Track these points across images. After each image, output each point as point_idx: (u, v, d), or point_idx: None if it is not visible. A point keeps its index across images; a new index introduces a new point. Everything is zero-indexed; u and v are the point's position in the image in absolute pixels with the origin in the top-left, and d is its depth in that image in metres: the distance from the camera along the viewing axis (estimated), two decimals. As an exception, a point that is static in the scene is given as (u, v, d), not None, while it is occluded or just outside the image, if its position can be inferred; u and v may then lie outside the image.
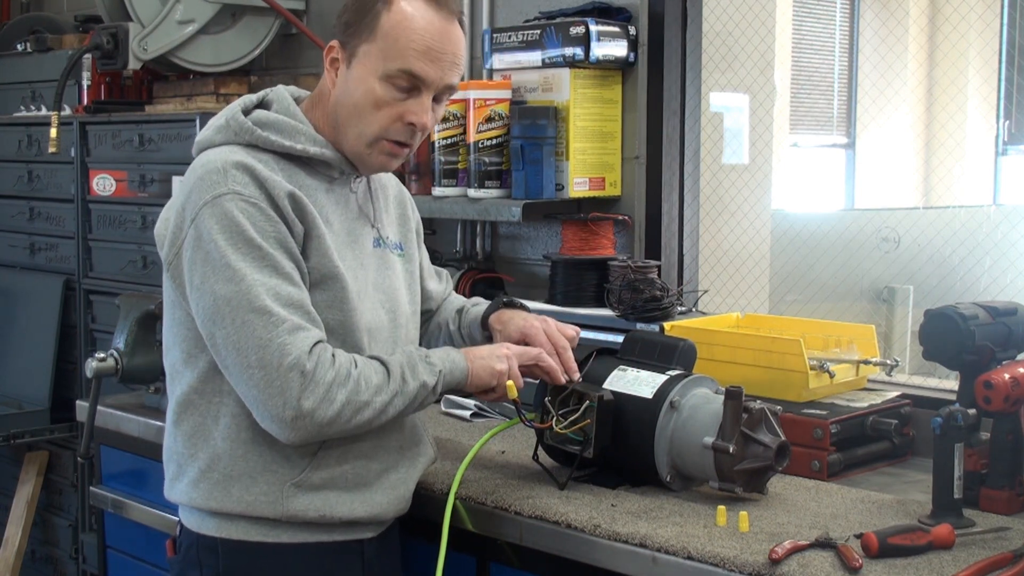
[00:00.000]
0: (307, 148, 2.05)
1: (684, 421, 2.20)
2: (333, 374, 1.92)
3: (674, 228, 3.10)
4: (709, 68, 3.26)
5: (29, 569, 4.34)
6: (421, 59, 2.00)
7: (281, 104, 2.10)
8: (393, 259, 2.21)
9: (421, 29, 2.00)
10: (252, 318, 1.90)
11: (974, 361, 2.20)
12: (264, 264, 1.92)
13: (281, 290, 1.93)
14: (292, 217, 1.97)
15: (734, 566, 1.88)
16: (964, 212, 5.74)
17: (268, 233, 1.94)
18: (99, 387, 2.93)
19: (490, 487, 2.26)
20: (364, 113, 2.03)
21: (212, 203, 1.93)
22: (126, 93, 4.18)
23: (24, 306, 4.35)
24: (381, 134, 2.05)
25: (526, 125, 2.95)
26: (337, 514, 2.05)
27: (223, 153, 2.00)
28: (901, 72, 8.02)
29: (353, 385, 1.94)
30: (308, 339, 1.92)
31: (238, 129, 2.03)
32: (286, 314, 1.91)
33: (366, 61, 2.01)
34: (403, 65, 2.00)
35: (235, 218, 1.92)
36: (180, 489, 2.08)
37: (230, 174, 1.95)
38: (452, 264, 3.37)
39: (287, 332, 1.90)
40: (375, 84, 2.01)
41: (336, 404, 1.92)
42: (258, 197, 1.95)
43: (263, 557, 2.04)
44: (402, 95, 2.02)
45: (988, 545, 1.96)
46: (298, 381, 1.89)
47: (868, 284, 5.42)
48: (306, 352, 1.91)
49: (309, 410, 1.90)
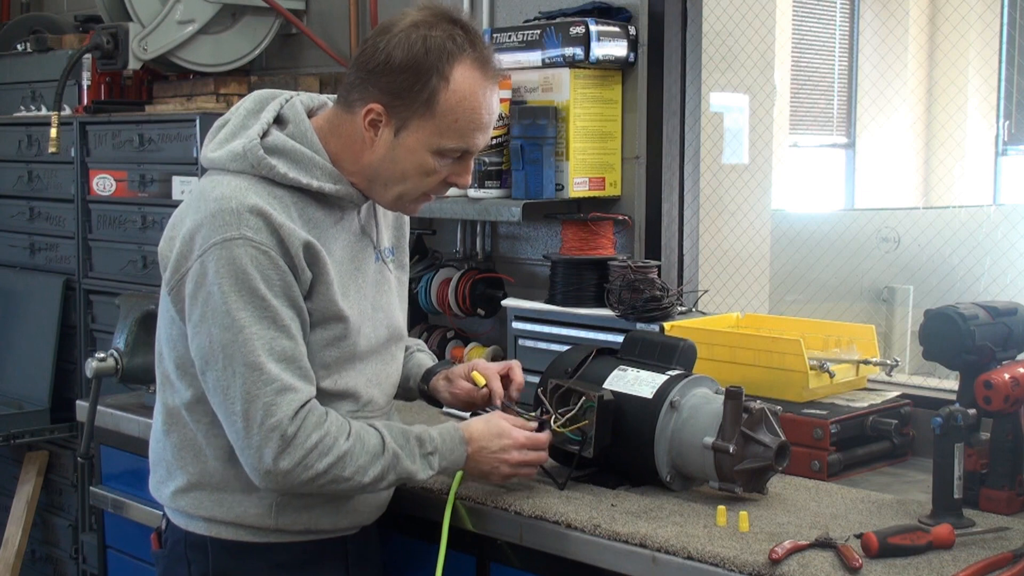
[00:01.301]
0: (323, 186, 2.01)
1: (684, 421, 2.20)
2: (317, 438, 1.92)
3: (674, 228, 3.10)
4: (709, 68, 3.26)
5: (29, 569, 4.34)
6: (478, 135, 2.01)
7: (298, 127, 2.04)
8: (388, 272, 2.21)
9: (481, 107, 1.99)
10: (244, 371, 1.90)
11: (974, 361, 2.20)
12: (264, 315, 1.91)
13: (276, 344, 1.91)
14: (303, 265, 1.96)
15: (734, 566, 1.89)
16: (964, 212, 5.74)
17: (274, 282, 1.92)
18: (99, 387, 2.93)
19: (490, 487, 2.26)
20: (410, 178, 2.03)
21: (222, 245, 1.90)
22: (126, 93, 4.18)
23: (24, 306, 4.35)
24: (422, 193, 2.06)
25: (526, 125, 2.95)
26: (323, 526, 2.09)
27: (239, 190, 1.95)
28: (901, 72, 8.02)
29: (336, 459, 1.94)
30: (295, 401, 1.91)
31: (255, 163, 1.98)
32: (278, 371, 1.91)
33: (419, 134, 1.99)
34: (462, 144, 2.01)
35: (243, 265, 1.90)
36: (168, 494, 2.10)
37: (243, 217, 1.91)
38: (452, 264, 3.37)
39: (275, 392, 1.90)
40: (428, 157, 2.00)
41: (311, 471, 1.93)
42: (270, 244, 1.92)
43: (251, 556, 2.06)
44: (451, 161, 2.03)
45: (988, 545, 1.96)
46: (276, 443, 1.90)
47: (868, 284, 5.42)
48: (290, 416, 1.90)
49: (284, 471, 1.91)
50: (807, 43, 7.90)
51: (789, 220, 5.05)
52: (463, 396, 2.28)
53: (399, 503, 2.24)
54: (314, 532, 2.08)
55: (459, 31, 1.98)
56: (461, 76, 1.97)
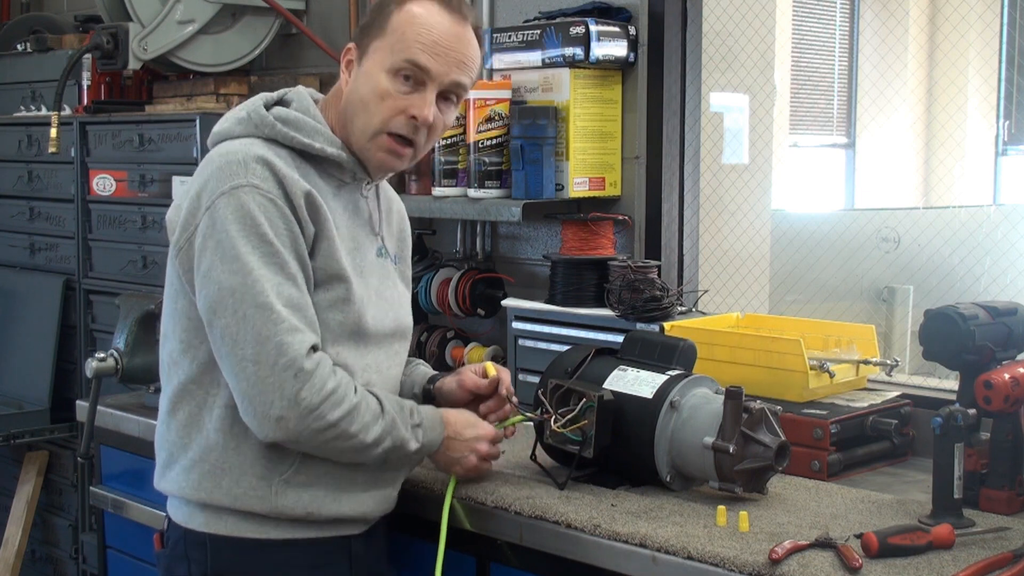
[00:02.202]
0: (325, 148, 2.07)
1: (684, 421, 2.20)
2: (333, 386, 1.94)
3: (674, 228, 3.10)
4: (709, 68, 3.26)
5: (29, 569, 4.34)
6: (426, 51, 2.03)
7: (301, 103, 2.12)
8: (392, 269, 2.23)
9: (429, 25, 2.04)
10: (253, 312, 1.91)
11: (974, 361, 2.20)
12: (273, 261, 1.94)
13: (284, 290, 1.94)
14: (306, 217, 1.99)
15: (734, 566, 1.89)
16: (964, 212, 5.73)
17: (281, 231, 1.95)
18: (99, 387, 2.93)
19: (490, 487, 2.26)
20: (369, 105, 2.05)
21: (230, 193, 1.95)
22: (126, 93, 4.18)
23: (24, 306, 4.35)
24: (383, 127, 2.06)
25: (526, 125, 2.95)
26: (324, 512, 2.06)
27: (244, 145, 2.01)
28: (901, 72, 8.02)
29: (346, 412, 1.96)
30: (306, 341, 1.93)
31: (259, 122, 2.05)
32: (287, 313, 1.92)
33: (375, 56, 2.05)
34: (408, 56, 2.03)
35: (251, 211, 1.94)
36: (170, 478, 2.09)
37: (250, 167, 1.97)
38: (452, 264, 3.37)
39: (286, 331, 1.91)
40: (382, 77, 2.04)
41: (323, 420, 1.94)
42: (276, 194, 1.96)
43: (251, 553, 2.05)
44: (407, 88, 2.05)
45: (988, 545, 1.96)
46: (292, 380, 1.90)
47: (868, 284, 5.42)
48: (303, 353, 1.92)
49: (306, 404, 1.92)
50: (807, 43, 7.90)
51: (789, 220, 5.04)
52: (469, 385, 2.27)
53: (398, 503, 2.24)
54: (317, 520, 2.05)
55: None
56: (417, 2, 2.06)
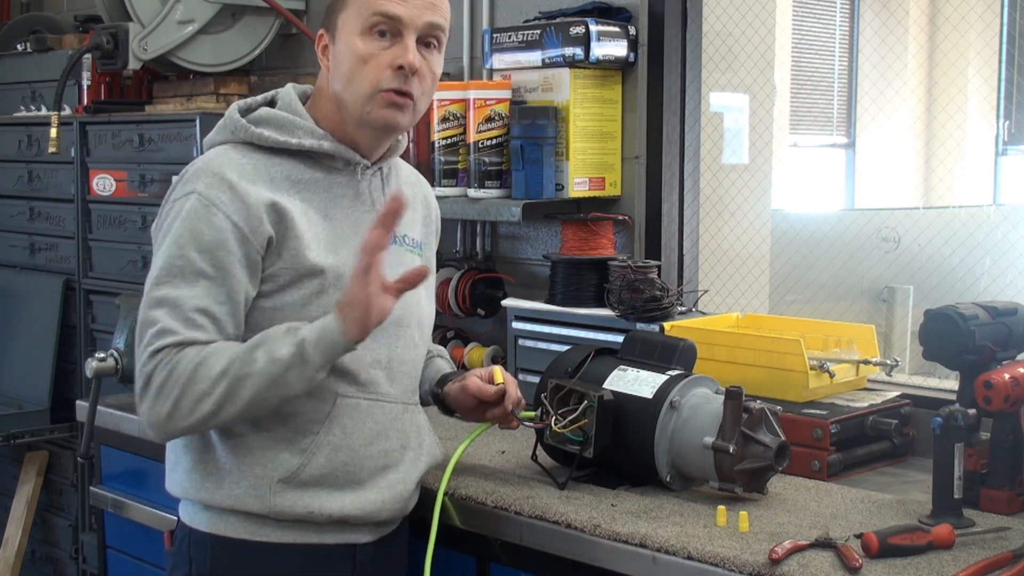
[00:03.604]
0: (302, 142, 2.07)
1: (684, 421, 2.20)
2: (166, 373, 1.93)
3: (674, 228, 3.10)
4: (709, 68, 3.26)
5: (29, 569, 4.34)
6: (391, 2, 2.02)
7: (284, 101, 2.13)
8: (412, 257, 2.19)
9: None
10: (140, 318, 1.98)
11: (974, 361, 2.20)
12: (174, 264, 1.96)
13: (171, 293, 1.95)
14: (260, 225, 1.97)
15: (734, 566, 1.89)
16: (964, 212, 5.74)
17: (203, 236, 1.96)
18: (99, 387, 2.93)
19: (490, 487, 2.26)
20: (355, 74, 2.04)
21: (180, 200, 2.01)
22: (126, 93, 4.18)
23: (24, 306, 4.35)
24: (374, 87, 2.04)
25: (526, 125, 2.95)
26: (326, 511, 2.03)
27: (210, 157, 2.05)
28: (901, 72, 8.02)
29: (188, 377, 1.92)
30: (159, 343, 1.93)
31: (234, 128, 2.08)
32: (159, 315, 1.94)
33: (346, 28, 2.05)
34: (376, 8, 2.02)
35: (181, 219, 1.98)
36: (176, 480, 2.10)
37: (200, 175, 2.01)
38: (452, 264, 3.37)
39: (153, 335, 1.95)
40: (357, 41, 2.04)
41: (170, 400, 1.92)
42: (217, 200, 1.97)
43: (251, 556, 2.04)
44: (385, 43, 2.04)
45: (988, 545, 1.96)
46: (140, 384, 1.96)
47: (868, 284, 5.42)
48: (148, 356, 1.94)
49: (145, 413, 1.96)
50: (807, 43, 7.90)
51: (789, 220, 5.05)
52: (472, 389, 2.22)
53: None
54: (318, 520, 2.03)
55: None
56: None
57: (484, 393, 2.21)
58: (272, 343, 1.93)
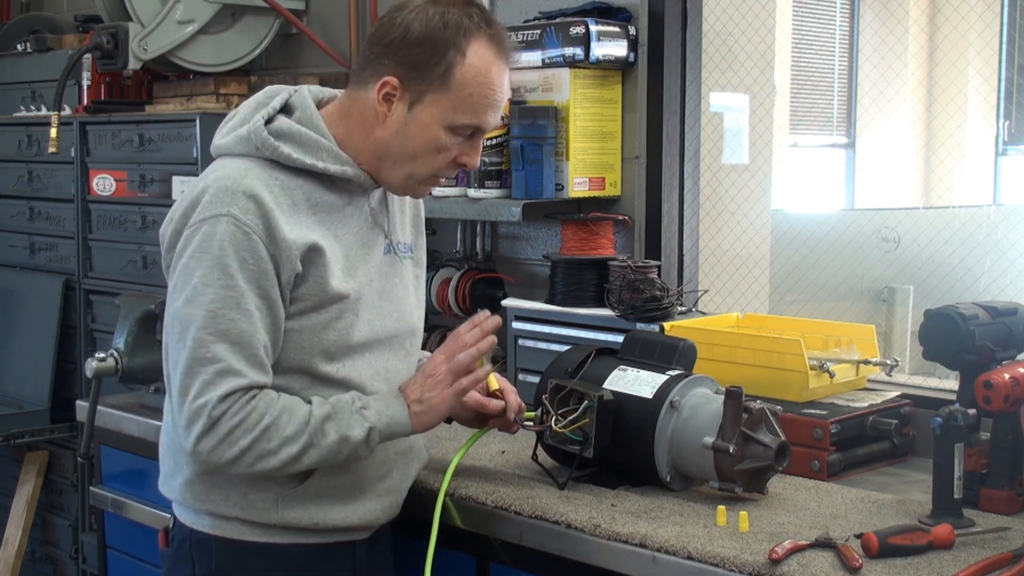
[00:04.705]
0: (328, 167, 2.01)
1: (684, 421, 2.20)
2: (241, 417, 1.90)
3: (674, 228, 3.10)
4: (709, 68, 3.26)
5: (29, 569, 4.34)
6: (490, 112, 2.02)
7: (304, 113, 2.05)
8: (403, 265, 2.19)
9: (493, 84, 2.01)
10: (192, 346, 1.90)
11: (974, 361, 2.20)
12: (229, 295, 1.90)
13: (234, 327, 1.90)
14: (291, 258, 1.94)
15: (734, 566, 1.89)
16: (964, 212, 5.74)
17: (248, 265, 1.91)
18: (99, 387, 2.93)
19: (490, 487, 2.26)
20: (421, 156, 2.02)
21: (209, 221, 1.92)
22: (126, 93, 4.18)
23: (24, 306, 4.35)
24: (434, 173, 2.05)
25: (526, 125, 2.95)
26: (332, 522, 2.06)
27: (238, 171, 1.97)
28: (901, 72, 8.02)
29: (260, 433, 1.90)
30: (233, 384, 1.90)
31: (260, 144, 2.00)
32: (225, 352, 1.90)
33: (434, 110, 1.99)
34: (475, 121, 2.01)
35: (221, 242, 1.91)
36: (175, 487, 2.09)
37: (236, 197, 1.93)
38: (452, 264, 3.37)
39: (215, 373, 1.89)
40: (441, 133, 2.00)
41: (235, 449, 1.90)
42: (255, 228, 1.92)
43: (256, 556, 2.04)
44: (462, 140, 2.03)
45: (988, 545, 1.96)
46: (202, 423, 1.89)
47: (868, 284, 5.42)
48: (218, 398, 1.89)
49: (205, 451, 1.91)
50: (807, 43, 7.90)
51: (789, 220, 5.05)
52: (472, 405, 2.21)
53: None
54: (323, 529, 2.05)
55: (475, 10, 2.02)
56: (477, 52, 1.99)
57: (486, 409, 2.22)
58: (343, 419, 1.95)
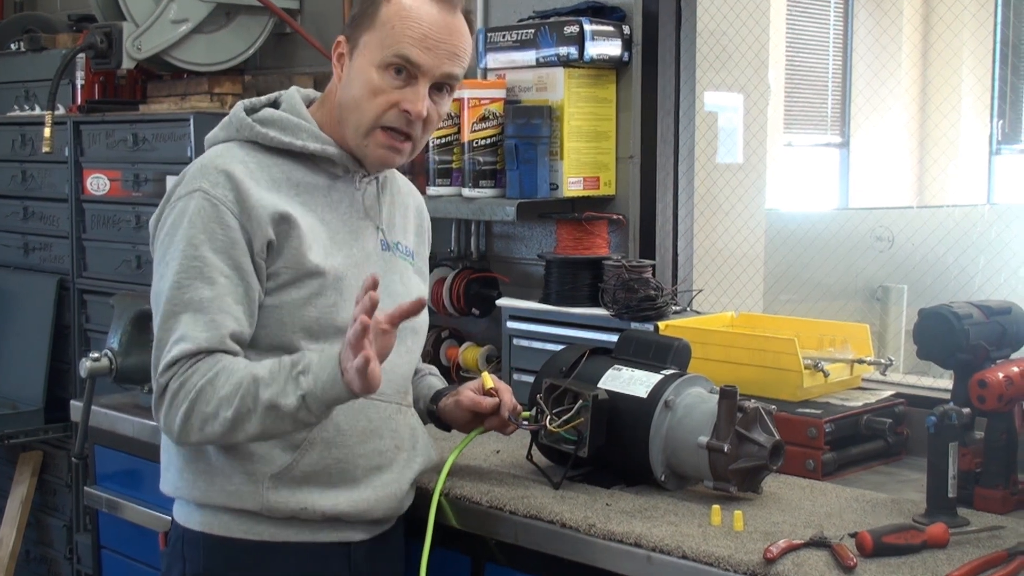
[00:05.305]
0: (307, 144, 2.07)
1: (679, 420, 2.20)
2: (177, 385, 1.93)
3: (668, 227, 3.10)
4: (703, 67, 3.26)
5: (23, 570, 4.34)
6: (416, 46, 2.02)
7: (289, 103, 2.14)
8: (404, 265, 2.20)
9: (418, 18, 2.02)
10: (159, 322, 1.98)
11: (968, 360, 2.20)
12: (191, 265, 1.95)
13: (195, 296, 1.94)
14: (262, 227, 1.97)
15: (729, 565, 1.89)
16: (958, 211, 5.74)
17: (216, 235, 1.96)
18: (93, 387, 2.93)
19: (485, 487, 2.26)
20: (361, 102, 2.04)
21: (184, 198, 2.00)
22: (120, 92, 4.17)
23: (18, 306, 4.34)
24: (376, 122, 2.05)
25: (520, 124, 2.95)
26: (319, 508, 2.04)
27: (216, 153, 2.05)
28: (895, 71, 8.02)
29: (196, 395, 1.91)
30: (177, 352, 1.92)
31: (239, 126, 2.08)
32: (184, 322, 1.94)
33: (366, 51, 2.04)
34: (398, 50, 2.02)
35: (191, 217, 1.97)
36: (169, 479, 2.11)
37: (207, 172, 2.00)
38: (446, 264, 3.37)
39: (172, 342, 1.94)
40: (373, 72, 2.03)
41: (179, 414, 1.93)
42: (224, 200, 1.97)
43: (244, 554, 2.04)
44: (398, 83, 2.03)
45: (982, 544, 1.96)
46: (155, 393, 1.96)
47: (862, 283, 5.42)
48: (165, 366, 1.93)
49: (162, 423, 1.97)
50: (801, 42, 7.90)
51: (783, 219, 5.05)
52: (466, 403, 2.22)
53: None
54: (312, 517, 2.03)
55: None
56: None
57: (480, 406, 2.22)
58: (277, 386, 1.89)
